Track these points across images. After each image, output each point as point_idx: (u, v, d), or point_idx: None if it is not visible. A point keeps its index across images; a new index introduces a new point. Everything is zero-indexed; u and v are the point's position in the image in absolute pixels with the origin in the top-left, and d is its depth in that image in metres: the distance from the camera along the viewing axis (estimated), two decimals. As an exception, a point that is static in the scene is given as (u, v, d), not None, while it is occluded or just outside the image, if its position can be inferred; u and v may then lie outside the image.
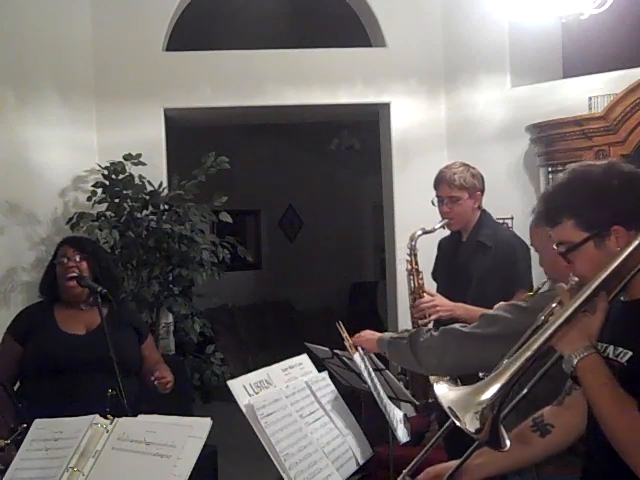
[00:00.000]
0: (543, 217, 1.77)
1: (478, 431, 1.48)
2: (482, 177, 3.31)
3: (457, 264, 3.32)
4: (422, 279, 3.31)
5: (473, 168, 3.31)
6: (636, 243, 1.56)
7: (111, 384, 2.62)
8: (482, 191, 3.28)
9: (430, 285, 3.43)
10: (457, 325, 2.46)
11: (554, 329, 1.54)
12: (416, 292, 3.29)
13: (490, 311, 2.38)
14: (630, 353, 1.57)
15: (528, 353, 1.53)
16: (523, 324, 1.79)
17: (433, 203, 3.32)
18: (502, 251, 3.13)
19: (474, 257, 3.20)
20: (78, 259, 3.01)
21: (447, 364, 2.39)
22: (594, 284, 1.55)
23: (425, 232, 3.35)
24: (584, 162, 1.76)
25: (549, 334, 1.54)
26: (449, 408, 1.52)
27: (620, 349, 1.59)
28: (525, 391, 1.70)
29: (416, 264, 3.32)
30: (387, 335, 2.64)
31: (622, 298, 1.66)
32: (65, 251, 3.04)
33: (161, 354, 3.64)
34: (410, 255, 3.35)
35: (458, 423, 1.50)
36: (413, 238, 3.34)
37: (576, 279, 1.66)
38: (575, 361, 1.52)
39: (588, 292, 1.55)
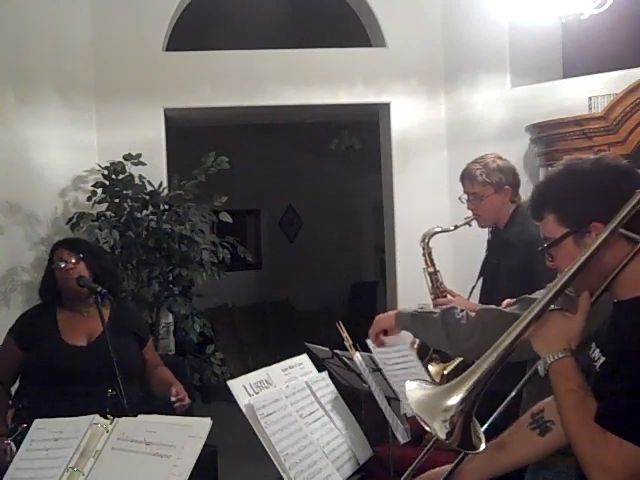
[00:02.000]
0: (531, 212, 1.71)
1: (449, 435, 1.44)
2: (512, 171, 3.12)
3: (491, 261, 3.19)
4: (438, 278, 3.19)
5: (503, 160, 3.12)
6: (603, 236, 1.50)
7: (108, 388, 2.63)
8: (513, 185, 3.09)
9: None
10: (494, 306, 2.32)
11: (523, 327, 1.51)
12: (434, 292, 3.18)
13: (532, 295, 2.22)
14: (603, 359, 1.53)
15: (497, 352, 1.50)
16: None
17: (461, 200, 3.18)
18: (525, 250, 2.94)
19: (502, 255, 3.06)
20: (74, 261, 2.99)
21: (484, 345, 2.29)
22: (562, 280, 1.51)
23: (443, 231, 3.22)
24: (577, 156, 1.70)
25: (518, 332, 1.51)
26: (417, 413, 1.47)
27: (599, 354, 1.56)
28: (513, 393, 1.66)
29: (431, 263, 3.21)
30: (407, 310, 2.44)
31: (614, 300, 1.61)
32: (61, 254, 3.02)
33: (161, 354, 3.66)
34: (423, 255, 3.24)
35: (427, 428, 1.45)
36: (425, 236, 3.24)
37: None
38: (549, 363, 1.50)
39: (555, 289, 1.51)
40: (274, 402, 2.16)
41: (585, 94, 4.30)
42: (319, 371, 2.52)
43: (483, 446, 1.49)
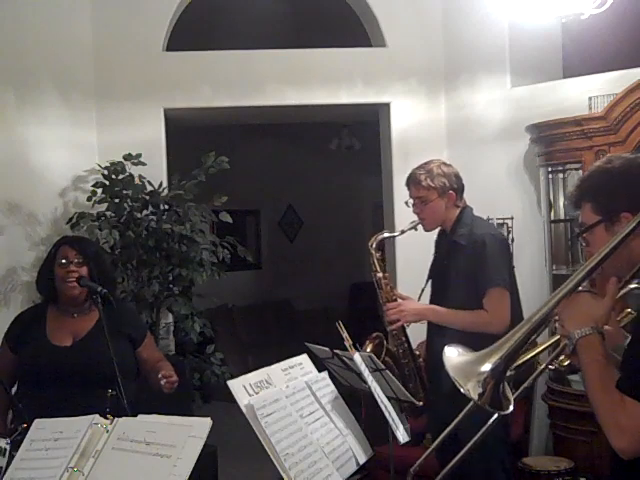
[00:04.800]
0: (571, 201, 1.87)
1: (481, 396, 1.58)
2: (456, 175, 3.22)
3: (440, 264, 3.30)
4: (388, 282, 3.28)
5: (447, 166, 3.24)
6: (632, 226, 1.62)
7: (100, 392, 2.62)
8: (456, 190, 3.20)
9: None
10: None
11: (554, 303, 1.63)
12: (384, 296, 3.27)
13: None
14: (629, 337, 1.65)
15: (529, 325, 1.62)
16: None
17: (407, 204, 3.30)
18: (473, 249, 3.09)
19: (452, 257, 3.18)
20: (79, 262, 2.97)
21: None
22: (592, 263, 1.63)
23: (392, 236, 3.36)
24: (620, 154, 1.85)
25: (549, 308, 1.63)
26: (453, 376, 1.61)
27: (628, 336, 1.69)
28: (542, 367, 1.78)
29: (380, 268, 3.29)
30: None
31: None
32: (66, 252, 2.99)
33: (161, 354, 3.64)
34: (371, 260, 3.30)
35: (462, 390, 1.58)
36: (373, 242, 3.31)
37: None
38: (576, 337, 1.61)
39: (585, 270, 1.62)
40: (274, 402, 2.16)
41: (585, 94, 4.30)
42: (319, 371, 2.52)
43: (511, 407, 1.62)
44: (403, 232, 3.32)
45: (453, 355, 1.66)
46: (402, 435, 2.54)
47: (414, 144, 5.03)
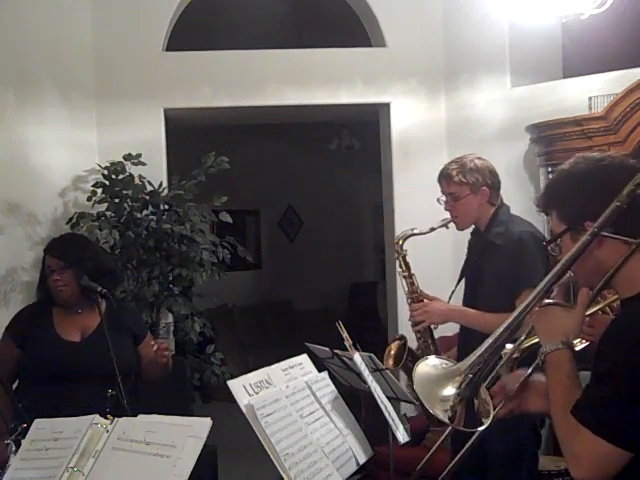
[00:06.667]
0: (541, 207, 1.74)
1: (452, 420, 1.53)
2: (490, 171, 3.04)
3: (473, 264, 3.14)
4: (414, 282, 3.13)
5: (481, 161, 3.05)
6: (582, 240, 1.55)
7: (101, 391, 2.63)
8: (490, 186, 3.01)
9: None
10: None
11: (513, 323, 1.60)
12: (410, 296, 3.13)
13: None
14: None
15: (493, 341, 1.59)
16: None
17: (439, 201, 3.10)
18: (510, 249, 2.92)
19: (486, 257, 3.01)
20: (61, 269, 2.95)
21: None
22: (547, 279, 1.59)
23: (420, 233, 3.14)
24: (587, 154, 1.71)
25: (510, 323, 1.59)
26: (419, 395, 1.56)
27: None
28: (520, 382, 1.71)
29: (406, 267, 3.15)
30: None
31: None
32: (49, 261, 3.00)
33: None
34: (397, 258, 3.17)
35: (431, 412, 1.53)
36: (398, 240, 3.18)
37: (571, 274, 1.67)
38: (545, 352, 1.57)
39: (542, 287, 1.59)
40: (274, 402, 2.15)
41: (585, 94, 4.30)
42: (319, 371, 2.52)
43: (489, 420, 1.58)
44: (433, 229, 3.11)
45: (425, 367, 1.59)
46: (402, 435, 2.54)
47: (414, 144, 5.04)
